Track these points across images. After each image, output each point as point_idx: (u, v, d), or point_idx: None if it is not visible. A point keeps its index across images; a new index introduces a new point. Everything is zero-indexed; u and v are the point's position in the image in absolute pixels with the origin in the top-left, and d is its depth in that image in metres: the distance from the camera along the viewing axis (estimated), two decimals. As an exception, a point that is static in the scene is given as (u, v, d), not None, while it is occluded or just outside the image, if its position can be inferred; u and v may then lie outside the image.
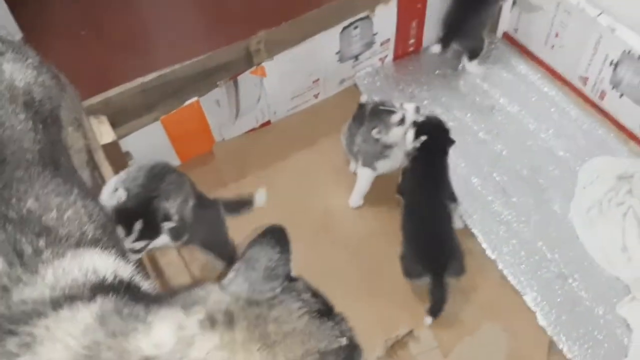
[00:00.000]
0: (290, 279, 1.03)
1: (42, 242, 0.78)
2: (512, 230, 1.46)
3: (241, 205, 1.40)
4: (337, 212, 1.58)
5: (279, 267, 0.94)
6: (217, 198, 1.34)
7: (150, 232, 1.13)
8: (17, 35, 2.06)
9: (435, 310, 1.33)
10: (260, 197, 1.42)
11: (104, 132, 1.37)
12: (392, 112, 1.42)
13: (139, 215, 1.11)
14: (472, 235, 1.46)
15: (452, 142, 1.41)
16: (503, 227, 1.47)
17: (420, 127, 1.40)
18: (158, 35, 2.18)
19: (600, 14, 1.58)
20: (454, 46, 1.77)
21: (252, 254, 1.10)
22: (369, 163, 1.51)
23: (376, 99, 1.58)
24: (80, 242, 0.84)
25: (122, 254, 0.89)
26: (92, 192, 1.04)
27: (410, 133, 1.41)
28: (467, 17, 1.71)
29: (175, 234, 1.22)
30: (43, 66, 1.08)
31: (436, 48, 1.74)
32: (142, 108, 1.47)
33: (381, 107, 1.44)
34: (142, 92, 1.44)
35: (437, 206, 1.39)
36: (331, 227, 1.55)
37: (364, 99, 1.68)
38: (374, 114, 1.45)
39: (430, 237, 1.37)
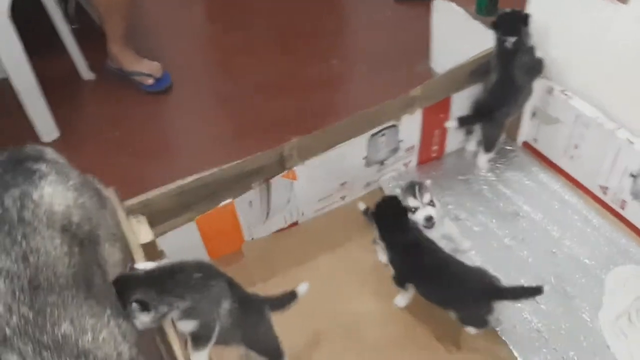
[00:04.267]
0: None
1: None
2: (542, 339, 1.46)
3: (287, 300, 1.37)
4: (363, 317, 1.58)
5: None
6: (263, 297, 1.34)
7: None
8: (54, 134, 2.16)
9: None
10: (302, 289, 1.39)
11: (142, 232, 1.40)
12: (414, 195, 1.52)
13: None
14: (503, 343, 1.46)
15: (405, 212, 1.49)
16: (534, 335, 1.46)
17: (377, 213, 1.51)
18: (187, 145, 2.27)
19: (618, 127, 1.65)
20: (472, 129, 1.87)
21: None
22: None
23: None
24: None
25: None
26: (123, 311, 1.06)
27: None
28: (502, 105, 1.76)
29: (197, 340, 1.20)
30: (84, 187, 1.11)
31: (452, 124, 1.80)
32: (178, 209, 1.52)
33: (416, 185, 1.54)
34: (180, 194, 1.49)
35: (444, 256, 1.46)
36: (357, 333, 1.54)
37: (361, 207, 1.74)
38: (409, 185, 1.56)
39: (470, 276, 1.41)
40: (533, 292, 1.38)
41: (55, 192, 1.03)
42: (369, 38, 2.73)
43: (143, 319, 1.11)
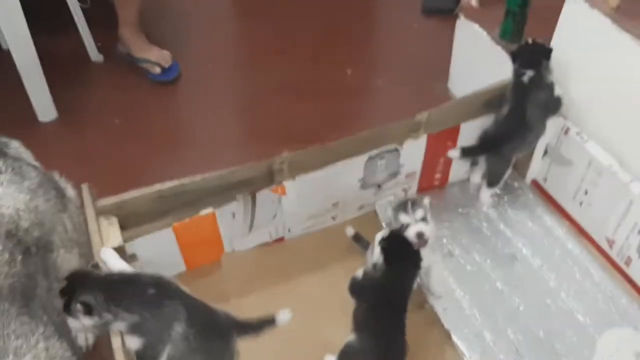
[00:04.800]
0: None
1: None
2: (521, 399, 1.37)
3: (262, 325, 1.26)
4: (339, 347, 1.50)
5: None
6: (232, 321, 1.23)
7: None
8: (52, 115, 2.11)
9: None
10: (283, 317, 1.28)
11: (111, 235, 1.33)
12: (405, 210, 1.42)
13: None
14: (479, 398, 1.37)
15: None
16: (512, 393, 1.38)
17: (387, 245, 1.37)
18: (187, 140, 2.20)
19: (632, 180, 1.54)
20: (476, 160, 1.75)
21: None
22: None
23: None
24: None
25: None
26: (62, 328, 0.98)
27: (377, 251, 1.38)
28: (509, 140, 1.67)
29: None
30: (41, 188, 1.04)
31: (455, 153, 1.69)
32: (156, 213, 1.45)
33: (409, 201, 1.44)
34: (158, 199, 1.42)
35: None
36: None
37: (350, 232, 1.67)
38: (402, 202, 1.45)
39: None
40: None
41: (6, 193, 0.97)
42: (393, 50, 2.63)
43: (85, 322, 1.06)
